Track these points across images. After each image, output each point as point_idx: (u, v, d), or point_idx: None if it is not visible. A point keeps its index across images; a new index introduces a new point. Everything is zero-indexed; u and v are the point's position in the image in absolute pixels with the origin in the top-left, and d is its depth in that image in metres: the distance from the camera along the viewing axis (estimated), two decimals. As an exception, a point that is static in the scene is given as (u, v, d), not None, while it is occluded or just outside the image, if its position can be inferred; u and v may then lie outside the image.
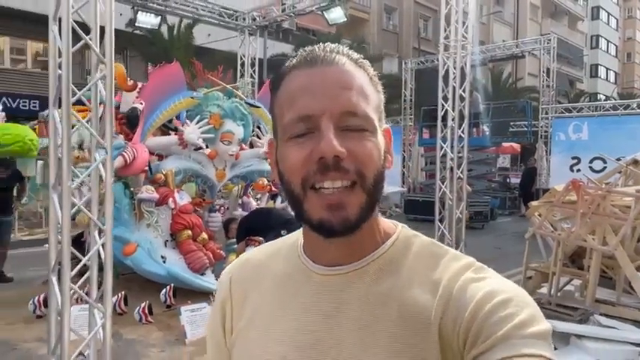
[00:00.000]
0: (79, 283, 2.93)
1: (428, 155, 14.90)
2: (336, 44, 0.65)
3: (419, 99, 15.72)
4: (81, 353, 2.81)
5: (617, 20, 47.31)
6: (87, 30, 2.88)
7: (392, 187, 14.26)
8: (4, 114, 10.09)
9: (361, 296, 0.63)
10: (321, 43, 0.65)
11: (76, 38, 2.80)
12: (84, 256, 3.00)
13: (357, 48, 21.13)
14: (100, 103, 2.91)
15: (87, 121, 2.85)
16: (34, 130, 9.70)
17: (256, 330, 0.68)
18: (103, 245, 2.89)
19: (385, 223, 0.68)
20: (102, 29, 2.94)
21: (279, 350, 0.64)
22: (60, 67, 2.74)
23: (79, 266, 2.85)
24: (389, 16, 28.04)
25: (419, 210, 12.67)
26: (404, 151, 16.04)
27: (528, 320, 0.55)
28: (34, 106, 15.74)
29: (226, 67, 6.99)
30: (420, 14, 28.96)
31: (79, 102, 3.14)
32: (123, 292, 4.78)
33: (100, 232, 2.94)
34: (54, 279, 2.84)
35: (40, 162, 9.55)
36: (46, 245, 8.94)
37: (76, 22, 2.82)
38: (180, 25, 15.31)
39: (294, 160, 0.60)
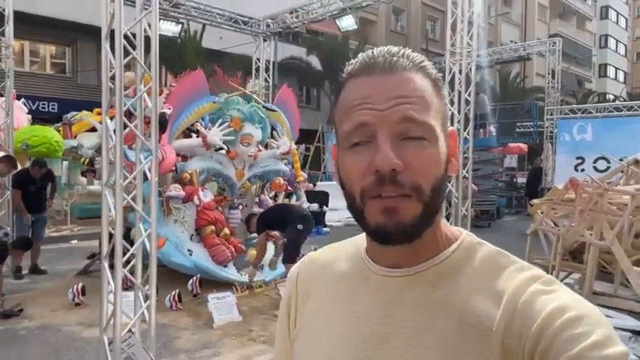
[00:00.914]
0: (127, 269, 3.31)
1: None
2: (399, 47, 0.64)
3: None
4: (129, 330, 3.20)
5: (627, 19, 47.17)
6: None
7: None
8: (29, 116, 10.60)
9: (418, 299, 0.63)
10: (381, 47, 0.65)
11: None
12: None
13: (364, 50, 21.58)
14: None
15: (134, 126, 3.24)
16: (58, 131, 10.20)
17: (316, 325, 0.71)
18: (148, 236, 3.28)
19: (449, 229, 0.68)
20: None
21: (336, 344, 0.66)
22: (112, 80, 3.13)
23: (127, 255, 3.24)
24: (397, 18, 28.31)
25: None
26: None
27: (603, 341, 0.52)
28: (53, 108, 16.27)
29: (238, 69, 7.36)
30: (428, 15, 29.20)
31: (99, 105, 3.51)
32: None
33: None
34: (106, 265, 3.23)
35: (65, 162, 10.06)
36: (73, 241, 9.42)
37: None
38: (189, 28, 15.71)
39: (353, 171, 0.61)
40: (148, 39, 3.29)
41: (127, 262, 3.37)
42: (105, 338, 3.26)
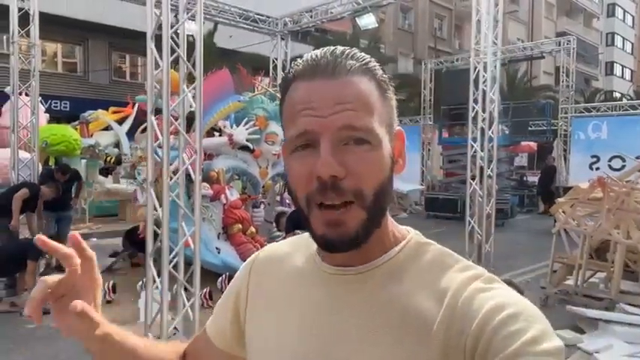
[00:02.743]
0: (170, 264, 3.34)
1: (447, 154, 15.19)
2: (344, 48, 0.63)
3: (438, 98, 16.02)
4: (175, 327, 3.24)
5: (633, 17, 46.89)
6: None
7: (411, 185, 14.60)
8: (47, 115, 10.66)
9: (364, 299, 0.64)
10: (326, 48, 0.63)
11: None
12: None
13: (372, 48, 21.36)
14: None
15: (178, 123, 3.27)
16: (75, 130, 10.25)
17: (268, 317, 0.71)
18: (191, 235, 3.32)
19: (397, 228, 0.69)
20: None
21: (285, 339, 0.67)
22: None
23: (172, 254, 3.27)
24: (404, 16, 28.25)
25: (439, 208, 13.04)
26: (423, 150, 16.38)
27: (539, 336, 0.54)
28: (65, 107, 16.32)
29: (249, 68, 7.36)
30: (436, 13, 29.13)
31: (115, 104, 3.51)
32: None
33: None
34: (151, 263, 3.27)
35: (83, 160, 10.10)
36: (92, 239, 9.50)
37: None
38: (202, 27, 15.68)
39: (298, 175, 0.61)
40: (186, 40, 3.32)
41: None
42: (150, 335, 3.29)
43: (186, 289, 3.41)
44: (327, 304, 0.66)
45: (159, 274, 3.34)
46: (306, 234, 0.73)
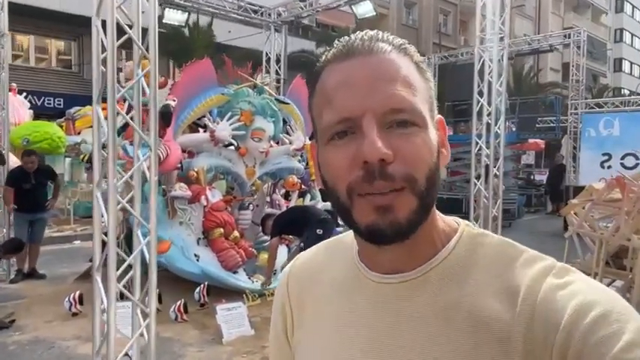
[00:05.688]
0: (123, 282, 2.87)
1: (451, 152, 14.73)
2: (376, 30, 0.59)
3: (442, 94, 15.53)
4: (126, 354, 2.77)
5: (643, 13, 46.09)
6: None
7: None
8: (31, 112, 10.24)
9: (423, 308, 0.57)
10: (358, 32, 0.58)
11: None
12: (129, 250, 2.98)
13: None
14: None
15: (131, 118, 2.79)
16: (61, 127, 9.83)
17: (316, 337, 0.65)
18: (147, 244, 2.84)
19: (446, 222, 0.62)
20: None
21: (339, 357, 0.61)
22: (104, 64, 2.67)
23: (123, 266, 2.79)
24: (408, 11, 27.80)
25: (443, 208, 12.35)
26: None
27: (636, 338, 0.47)
28: (59, 104, 15.97)
29: (247, 63, 6.92)
30: (440, 9, 28.65)
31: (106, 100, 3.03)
32: (157, 290, 4.76)
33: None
34: (98, 278, 2.80)
35: (67, 159, 9.69)
36: (76, 242, 8.99)
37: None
38: (198, 21, 15.31)
39: (337, 165, 0.55)
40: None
41: (125, 271, 2.93)
42: (99, 361, 2.83)
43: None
44: (380, 318, 0.59)
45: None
46: (337, 238, 0.72)
